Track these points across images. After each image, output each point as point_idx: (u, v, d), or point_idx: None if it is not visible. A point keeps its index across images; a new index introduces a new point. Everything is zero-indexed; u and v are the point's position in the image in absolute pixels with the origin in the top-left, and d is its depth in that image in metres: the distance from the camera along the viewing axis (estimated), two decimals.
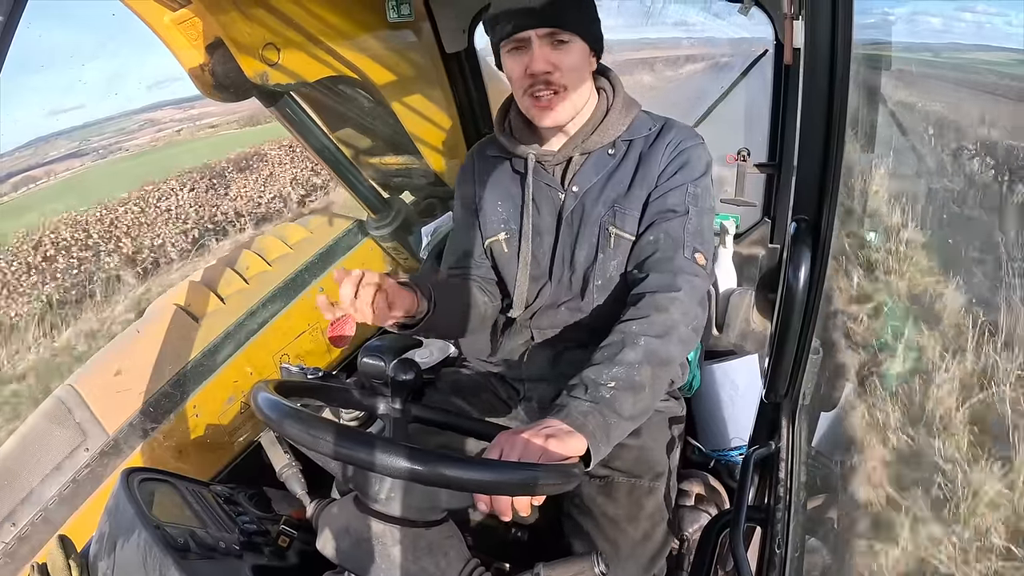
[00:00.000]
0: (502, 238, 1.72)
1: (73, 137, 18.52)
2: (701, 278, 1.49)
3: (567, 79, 1.50)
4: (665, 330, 1.35)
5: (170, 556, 1.09)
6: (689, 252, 1.49)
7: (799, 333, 1.31)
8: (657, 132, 1.64)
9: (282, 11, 1.93)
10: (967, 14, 22.33)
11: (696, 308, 1.44)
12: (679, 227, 1.52)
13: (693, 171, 1.58)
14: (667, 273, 1.47)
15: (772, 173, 2.70)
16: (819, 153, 1.18)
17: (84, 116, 18.99)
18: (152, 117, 21.32)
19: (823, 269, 1.25)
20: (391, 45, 2.34)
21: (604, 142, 1.63)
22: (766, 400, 1.49)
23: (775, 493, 1.42)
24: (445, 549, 1.20)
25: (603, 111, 1.63)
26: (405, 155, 2.73)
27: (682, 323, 1.38)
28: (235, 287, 2.37)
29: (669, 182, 1.57)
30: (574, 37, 1.48)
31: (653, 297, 1.42)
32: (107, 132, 20.13)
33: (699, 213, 1.54)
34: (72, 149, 18.06)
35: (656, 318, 1.37)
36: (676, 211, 1.54)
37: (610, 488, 1.55)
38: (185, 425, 2.11)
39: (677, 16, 3.84)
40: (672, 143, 1.60)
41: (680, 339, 1.37)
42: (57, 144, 18.29)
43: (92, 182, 14.73)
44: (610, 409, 1.22)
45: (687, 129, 1.66)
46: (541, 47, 1.47)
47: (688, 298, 1.42)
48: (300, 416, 1.04)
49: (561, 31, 1.46)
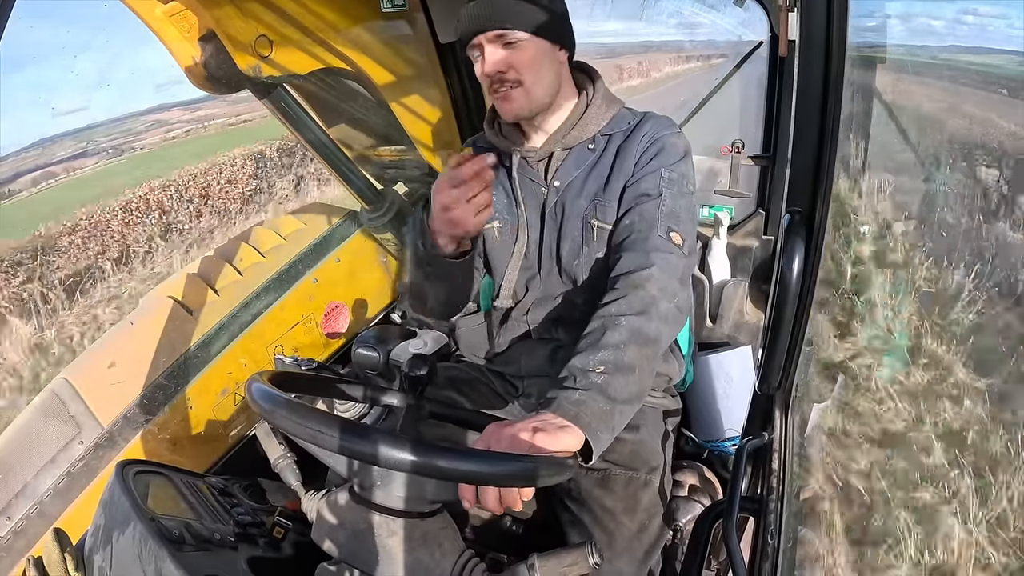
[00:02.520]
0: (495, 226, 1.74)
1: (80, 138, 18.53)
2: (677, 255, 1.47)
3: (523, 75, 1.54)
4: (644, 307, 1.34)
5: (165, 548, 1.09)
6: (663, 231, 1.49)
7: (792, 325, 1.31)
8: (635, 125, 1.67)
9: (275, 3, 1.92)
10: (969, 16, 22.42)
11: (674, 283, 1.42)
12: (653, 209, 1.53)
13: (668, 157, 1.59)
14: (640, 252, 1.47)
15: (766, 165, 2.71)
16: (813, 145, 1.18)
17: (87, 118, 19.06)
18: (159, 118, 21.32)
19: (817, 261, 1.25)
20: (385, 36, 2.33)
21: (584, 137, 1.66)
22: (759, 391, 1.49)
23: (768, 484, 1.43)
24: (440, 540, 1.20)
25: (583, 107, 1.67)
26: (399, 147, 2.72)
27: (661, 299, 1.37)
28: (229, 279, 2.36)
29: (644, 169, 1.59)
30: (524, 35, 1.52)
31: (628, 277, 1.42)
32: (115, 133, 20.14)
33: (674, 196, 1.55)
34: (80, 149, 18.07)
35: (633, 296, 1.36)
36: (650, 195, 1.55)
37: (607, 481, 1.56)
38: (179, 417, 2.10)
39: (672, 7, 3.82)
40: (648, 134, 1.63)
41: (661, 315, 1.35)
42: (65, 144, 18.32)
43: (150, 162, 15.07)
44: (602, 394, 1.20)
45: (664, 120, 1.68)
46: (492, 50, 1.53)
47: (663, 274, 1.41)
48: (293, 407, 1.04)
49: (509, 32, 1.51)
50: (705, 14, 3.02)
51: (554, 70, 1.60)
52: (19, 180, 14.72)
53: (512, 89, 1.55)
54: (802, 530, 2.02)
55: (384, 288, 2.94)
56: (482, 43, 1.53)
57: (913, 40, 11.56)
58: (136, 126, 18.65)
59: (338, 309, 2.65)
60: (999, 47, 8.18)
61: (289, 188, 12.49)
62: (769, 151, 2.68)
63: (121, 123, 18.54)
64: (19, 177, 14.83)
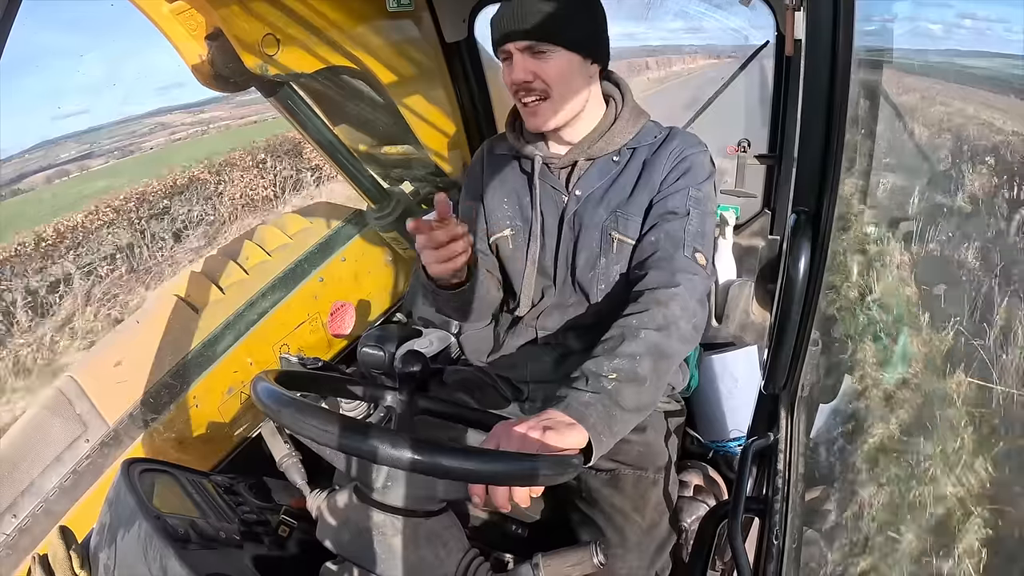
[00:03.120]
0: (508, 234, 1.74)
1: (83, 140, 18.81)
2: (701, 277, 1.49)
3: (551, 87, 1.53)
4: (665, 324, 1.35)
5: (171, 546, 1.09)
6: (689, 252, 1.50)
7: (798, 325, 1.31)
8: (662, 140, 1.66)
9: (282, 1, 1.92)
10: (967, 20, 22.37)
11: (695, 305, 1.44)
12: (679, 228, 1.53)
13: (695, 176, 1.60)
14: (666, 271, 1.47)
15: (772, 164, 2.70)
16: (819, 145, 1.18)
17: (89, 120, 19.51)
18: (162, 121, 21.56)
19: (823, 261, 1.25)
20: (391, 35, 2.33)
21: (610, 149, 1.66)
22: (765, 391, 1.49)
23: (773, 484, 1.42)
24: (445, 539, 1.20)
25: (611, 119, 1.66)
26: (405, 145, 2.72)
27: (682, 319, 1.38)
28: (235, 277, 2.36)
29: (671, 187, 1.59)
30: (554, 48, 1.51)
31: (653, 293, 1.43)
32: (117, 135, 20.36)
33: (700, 215, 1.56)
34: (83, 151, 18.32)
35: (656, 312, 1.37)
36: (677, 213, 1.55)
37: (616, 480, 1.57)
38: (185, 416, 2.11)
39: (677, 7, 3.79)
40: (676, 150, 1.63)
41: (681, 335, 1.37)
42: (67, 146, 18.62)
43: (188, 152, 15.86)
44: (611, 400, 1.21)
45: (691, 137, 1.68)
46: (521, 58, 1.52)
47: (687, 294, 1.42)
48: (299, 406, 1.05)
49: (539, 43, 1.49)
50: (711, 14, 3.01)
51: (584, 84, 1.59)
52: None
53: (539, 102, 1.55)
54: (807, 531, 2.01)
55: (390, 287, 2.94)
56: (511, 51, 1.52)
57: (910, 44, 11.56)
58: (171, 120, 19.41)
59: (344, 308, 2.65)
60: (996, 51, 8.15)
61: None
62: (775, 151, 2.67)
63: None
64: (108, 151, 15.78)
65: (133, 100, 33.89)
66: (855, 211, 6.74)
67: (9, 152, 18.40)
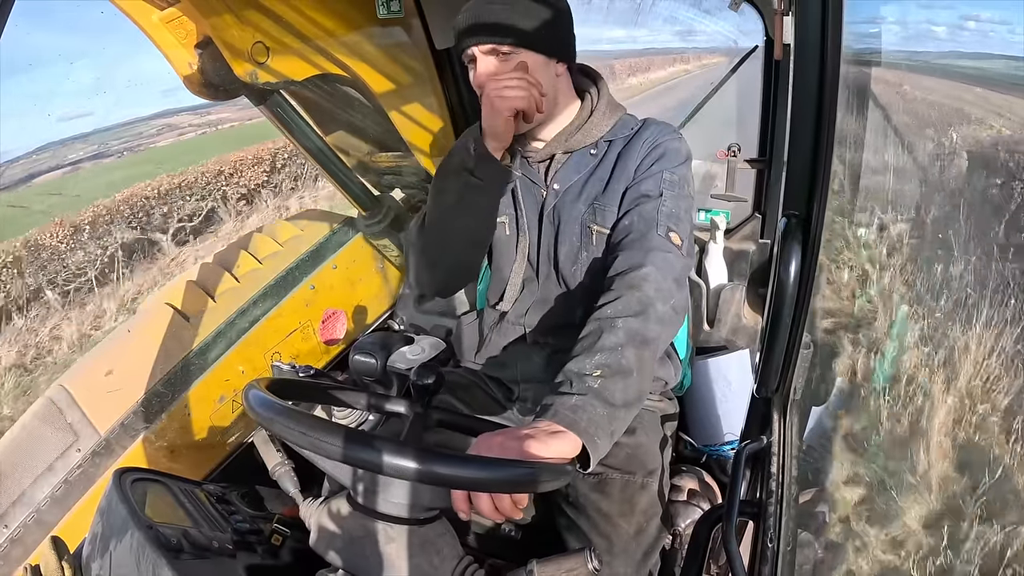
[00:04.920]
0: (504, 220, 1.74)
1: (90, 141, 18.83)
2: (675, 255, 1.47)
3: None
4: (641, 308, 1.33)
5: (163, 556, 1.09)
6: (663, 231, 1.48)
7: (790, 328, 1.31)
8: (636, 130, 1.67)
9: (271, 9, 1.92)
10: (971, 23, 22.60)
11: (671, 284, 1.41)
12: (652, 209, 1.52)
13: (669, 161, 1.60)
14: (638, 251, 1.46)
15: (762, 168, 2.71)
16: (809, 148, 1.18)
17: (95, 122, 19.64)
18: (170, 123, 21.61)
19: (813, 264, 1.25)
20: (381, 42, 2.33)
21: (587, 142, 1.66)
22: (757, 395, 1.49)
23: (767, 487, 1.42)
24: (438, 546, 1.20)
25: (587, 113, 1.66)
26: (395, 153, 2.72)
27: (657, 300, 1.36)
28: (226, 285, 2.36)
29: (645, 172, 1.59)
30: (517, 49, 1.51)
31: (623, 277, 1.41)
32: (124, 137, 20.40)
33: (674, 197, 1.55)
34: (91, 152, 18.35)
35: (629, 297, 1.35)
36: (650, 196, 1.55)
37: (604, 485, 1.55)
38: (177, 425, 2.10)
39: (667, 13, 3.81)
40: (649, 138, 1.63)
41: (658, 317, 1.34)
42: (74, 147, 18.67)
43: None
44: (600, 399, 1.19)
45: (665, 126, 1.68)
46: (484, 61, 1.52)
47: (660, 274, 1.40)
48: (291, 414, 1.04)
49: (500, 45, 1.50)
50: (700, 19, 3.02)
51: (549, 83, 1.58)
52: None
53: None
54: (802, 534, 2.02)
55: (382, 294, 2.94)
56: (475, 54, 1.53)
57: (914, 45, 11.65)
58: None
59: (335, 316, 2.65)
60: (999, 52, 8.16)
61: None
62: (765, 155, 2.69)
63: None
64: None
65: (141, 102, 34.07)
66: (846, 214, 6.78)
67: (16, 153, 18.49)
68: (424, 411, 1.48)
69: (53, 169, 17.22)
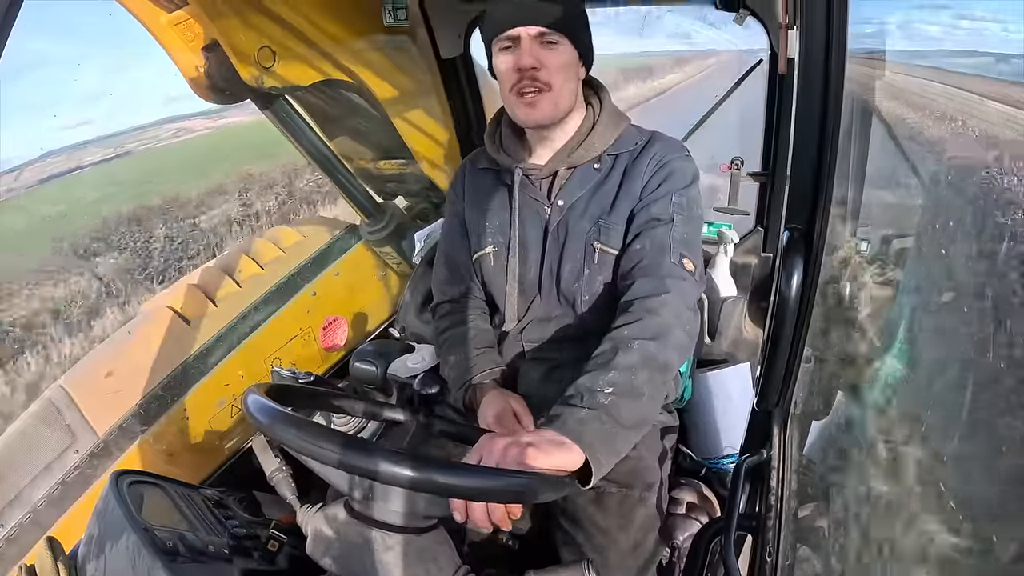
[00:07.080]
0: (490, 251, 1.72)
1: (107, 144, 19.07)
2: (689, 283, 1.48)
3: (553, 78, 1.51)
4: (658, 333, 1.33)
5: (159, 559, 1.08)
6: (676, 257, 1.48)
7: (791, 342, 1.30)
8: (643, 146, 1.65)
9: (279, 14, 1.93)
10: (964, 21, 22.43)
11: (687, 312, 1.42)
12: (664, 234, 1.52)
13: (677, 182, 1.58)
14: (655, 278, 1.46)
15: (765, 182, 2.71)
16: (812, 162, 1.18)
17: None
18: (184, 126, 21.84)
19: (815, 278, 1.25)
20: (387, 50, 2.34)
21: (590, 156, 1.64)
22: (758, 409, 1.48)
23: (766, 501, 1.42)
24: (435, 555, 1.19)
25: (590, 125, 1.64)
26: (399, 160, 2.73)
27: (676, 326, 1.36)
28: (228, 290, 2.36)
29: (653, 194, 1.58)
30: (563, 39, 1.50)
31: (643, 302, 1.40)
32: (140, 140, 20.62)
33: (685, 221, 1.54)
34: (108, 155, 18.57)
35: (648, 321, 1.35)
36: (661, 219, 1.54)
37: (601, 499, 1.54)
38: (175, 428, 2.10)
39: (672, 25, 3.77)
40: (656, 156, 1.61)
41: (676, 344, 1.35)
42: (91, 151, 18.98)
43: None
44: (608, 416, 1.18)
45: (672, 142, 1.67)
46: (531, 45, 1.49)
47: (678, 301, 1.41)
48: (290, 420, 1.04)
49: (551, 32, 1.48)
50: (704, 32, 3.03)
51: (576, 82, 1.59)
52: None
53: (538, 94, 1.52)
54: (801, 548, 2.00)
55: (383, 302, 2.94)
56: (521, 36, 1.49)
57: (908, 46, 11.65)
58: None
59: (336, 323, 2.65)
60: (994, 50, 8.27)
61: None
62: (768, 168, 2.68)
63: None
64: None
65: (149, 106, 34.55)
66: (848, 228, 6.76)
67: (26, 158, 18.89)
68: (427, 420, 1.48)
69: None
